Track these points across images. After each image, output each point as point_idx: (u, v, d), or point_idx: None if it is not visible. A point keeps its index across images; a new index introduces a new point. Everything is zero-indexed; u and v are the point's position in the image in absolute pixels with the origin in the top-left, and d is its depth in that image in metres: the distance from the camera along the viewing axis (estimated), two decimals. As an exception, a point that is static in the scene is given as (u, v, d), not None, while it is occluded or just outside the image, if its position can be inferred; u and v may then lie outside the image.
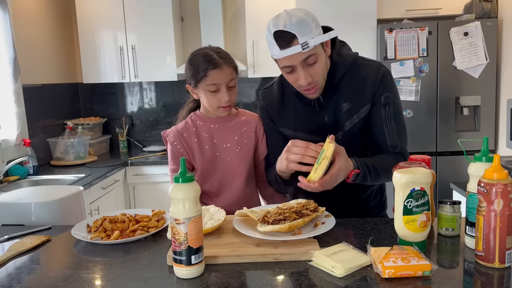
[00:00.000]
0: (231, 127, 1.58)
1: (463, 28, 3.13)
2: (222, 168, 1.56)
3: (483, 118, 3.22)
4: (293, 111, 1.49)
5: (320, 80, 1.37)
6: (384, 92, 1.41)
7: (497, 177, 0.95)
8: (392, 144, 1.43)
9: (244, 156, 1.57)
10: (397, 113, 1.44)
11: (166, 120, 4.03)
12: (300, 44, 1.26)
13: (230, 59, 1.50)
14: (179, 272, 0.99)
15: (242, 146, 1.57)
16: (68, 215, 1.53)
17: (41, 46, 3.47)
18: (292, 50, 1.27)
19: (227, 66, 1.47)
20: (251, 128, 1.58)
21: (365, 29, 3.30)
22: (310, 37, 1.26)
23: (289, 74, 1.35)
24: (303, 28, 1.26)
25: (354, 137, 1.44)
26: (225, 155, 1.56)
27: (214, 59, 1.45)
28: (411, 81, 3.20)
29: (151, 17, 3.57)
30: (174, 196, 0.98)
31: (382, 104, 1.41)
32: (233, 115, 1.60)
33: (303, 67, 1.31)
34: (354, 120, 1.42)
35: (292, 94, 1.50)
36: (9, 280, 1.03)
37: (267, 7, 3.48)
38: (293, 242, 1.11)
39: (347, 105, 1.42)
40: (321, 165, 1.22)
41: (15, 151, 2.99)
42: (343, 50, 1.46)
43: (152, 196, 3.46)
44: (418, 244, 1.06)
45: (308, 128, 1.46)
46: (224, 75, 1.46)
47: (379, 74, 1.41)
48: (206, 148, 1.56)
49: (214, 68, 1.44)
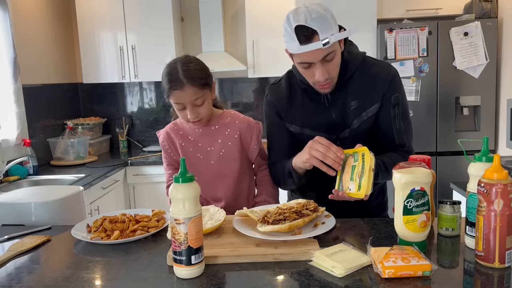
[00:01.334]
0: (214, 131, 1.58)
1: (463, 28, 3.13)
2: (206, 171, 1.57)
3: (483, 118, 3.22)
4: (301, 108, 1.49)
5: (335, 77, 1.39)
6: (394, 93, 1.43)
7: (497, 177, 0.95)
8: (400, 143, 1.46)
9: (228, 158, 1.56)
10: (405, 113, 1.47)
11: (166, 120, 4.02)
12: (321, 41, 1.25)
13: (197, 77, 1.42)
14: (179, 272, 0.99)
15: (226, 148, 1.56)
16: (68, 215, 1.53)
17: (41, 46, 3.48)
18: (313, 46, 1.26)
19: (190, 86, 1.40)
20: (234, 130, 1.57)
21: (365, 29, 3.30)
22: (331, 34, 1.26)
23: (306, 69, 1.36)
24: (324, 25, 1.25)
25: (360, 135, 1.45)
26: (209, 158, 1.57)
27: (177, 79, 1.40)
28: (411, 81, 3.20)
29: (151, 17, 3.57)
30: (174, 196, 0.98)
31: (392, 104, 1.43)
32: (217, 118, 1.59)
33: (322, 64, 1.31)
34: (362, 118, 1.43)
35: (300, 90, 1.50)
36: (9, 280, 1.03)
37: (267, 7, 3.48)
38: (293, 242, 1.11)
39: (356, 103, 1.43)
40: (368, 178, 1.20)
41: (15, 151, 2.99)
42: (353, 49, 1.47)
43: (152, 196, 3.46)
44: (418, 244, 1.06)
45: (316, 124, 1.47)
46: (187, 95, 1.41)
47: (389, 74, 1.43)
48: (190, 150, 1.57)
49: (176, 89, 1.41)
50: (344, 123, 1.45)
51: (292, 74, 1.53)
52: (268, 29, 3.46)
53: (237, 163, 1.57)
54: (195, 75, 1.42)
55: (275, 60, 3.51)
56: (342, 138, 1.46)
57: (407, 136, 1.47)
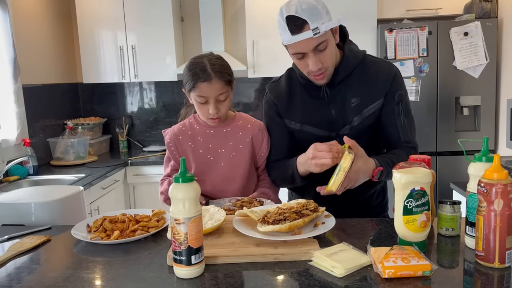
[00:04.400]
0: (226, 133, 1.57)
1: (463, 28, 3.13)
2: (216, 173, 1.56)
3: (483, 118, 3.22)
4: (301, 104, 1.51)
5: (330, 67, 1.40)
6: (397, 90, 1.46)
7: (497, 177, 0.95)
8: (405, 140, 1.48)
9: (239, 161, 1.56)
10: (408, 109, 1.50)
11: (166, 120, 4.03)
12: (311, 30, 1.28)
13: (224, 72, 1.45)
14: (179, 272, 0.99)
15: (237, 151, 1.56)
16: (68, 215, 1.53)
17: (41, 46, 3.47)
18: (303, 36, 1.29)
19: (218, 80, 1.43)
20: (246, 133, 1.57)
21: (365, 29, 3.30)
22: (321, 23, 1.29)
23: (300, 60, 1.38)
24: (314, 14, 1.28)
25: (361, 132, 1.46)
26: (219, 160, 1.56)
27: (206, 71, 1.42)
28: (411, 81, 3.20)
29: (151, 17, 3.57)
30: (174, 196, 0.98)
31: (396, 101, 1.46)
32: (229, 120, 1.59)
33: (314, 53, 1.33)
34: (363, 115, 1.45)
35: (300, 87, 1.51)
36: (9, 280, 1.03)
37: (267, 7, 3.48)
38: (293, 242, 1.11)
39: (357, 100, 1.45)
40: (338, 177, 1.26)
41: (15, 151, 2.99)
42: (353, 47, 1.50)
43: (152, 196, 3.45)
44: (418, 244, 1.06)
45: (315, 121, 1.48)
46: (213, 89, 1.43)
47: (391, 72, 1.46)
48: (200, 152, 1.56)
49: (203, 81, 1.42)
50: (344, 119, 1.46)
51: (292, 71, 1.55)
52: (268, 29, 3.46)
53: (247, 166, 1.57)
54: (223, 70, 1.46)
55: (275, 60, 3.51)
56: (342, 135, 1.46)
57: (411, 132, 1.50)
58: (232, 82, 1.50)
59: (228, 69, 1.49)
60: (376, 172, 1.33)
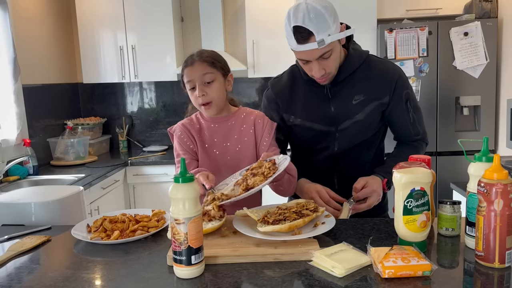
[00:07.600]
0: (231, 126, 1.58)
1: (463, 28, 3.13)
2: (221, 166, 1.56)
3: (483, 118, 3.22)
4: (302, 99, 1.54)
5: (333, 71, 1.44)
6: (404, 89, 1.52)
7: (497, 177, 0.95)
8: (415, 133, 1.60)
9: (244, 154, 1.56)
10: (416, 104, 1.58)
11: (166, 120, 4.03)
12: (317, 42, 1.30)
13: (208, 56, 1.49)
14: (179, 272, 0.99)
15: (242, 144, 1.57)
16: (68, 215, 1.53)
17: (41, 46, 3.47)
18: (309, 46, 1.32)
19: (200, 62, 1.47)
20: (249, 125, 1.58)
21: (365, 29, 3.30)
22: (327, 34, 1.31)
23: (304, 65, 1.42)
24: (321, 25, 1.30)
25: (363, 128, 1.51)
26: (225, 154, 1.56)
27: (190, 58, 1.49)
28: (411, 81, 3.20)
29: (151, 17, 3.57)
30: (174, 196, 0.98)
31: (404, 100, 1.53)
32: (233, 113, 1.60)
33: (318, 62, 1.37)
34: (366, 111, 1.49)
35: (303, 82, 1.54)
36: (9, 280, 1.03)
37: (267, 7, 3.48)
38: (293, 242, 1.11)
39: (360, 97, 1.49)
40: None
41: (15, 151, 2.99)
42: (357, 47, 1.54)
43: (152, 196, 3.45)
44: (418, 244, 1.06)
45: (315, 116, 1.52)
46: (196, 70, 1.46)
47: (396, 72, 1.51)
48: (206, 146, 1.57)
49: (186, 66, 1.48)
50: (344, 115, 1.50)
51: (295, 67, 1.58)
52: (268, 29, 3.46)
53: (253, 158, 1.57)
54: (207, 54, 1.50)
55: (275, 60, 3.51)
56: (342, 130, 1.51)
57: (420, 124, 1.60)
58: (221, 68, 1.50)
59: (214, 54, 1.52)
60: (384, 185, 1.45)
